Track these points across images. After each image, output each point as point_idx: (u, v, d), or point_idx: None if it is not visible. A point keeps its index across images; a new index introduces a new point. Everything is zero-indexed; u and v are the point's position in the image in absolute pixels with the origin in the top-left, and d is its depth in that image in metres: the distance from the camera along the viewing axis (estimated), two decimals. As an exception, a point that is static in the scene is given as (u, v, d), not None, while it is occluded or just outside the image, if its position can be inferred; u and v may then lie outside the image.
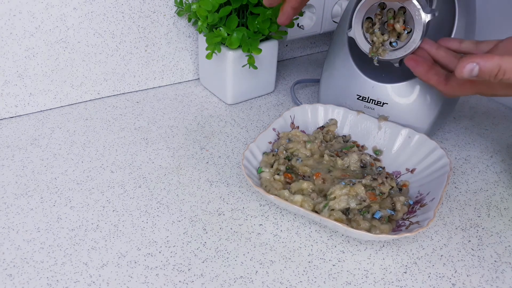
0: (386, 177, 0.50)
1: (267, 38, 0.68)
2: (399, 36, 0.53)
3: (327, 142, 0.57)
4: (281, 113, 0.68)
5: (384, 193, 0.49)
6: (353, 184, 0.48)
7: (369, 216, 0.46)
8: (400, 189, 0.51)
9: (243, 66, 0.65)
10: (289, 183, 0.51)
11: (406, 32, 0.52)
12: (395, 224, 0.47)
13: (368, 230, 0.44)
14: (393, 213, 0.47)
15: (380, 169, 0.54)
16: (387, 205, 0.48)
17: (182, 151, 0.59)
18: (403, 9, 0.52)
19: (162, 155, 0.57)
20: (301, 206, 0.46)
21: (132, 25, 0.66)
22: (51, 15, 0.60)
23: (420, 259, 0.45)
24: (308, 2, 0.75)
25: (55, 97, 0.65)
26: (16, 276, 0.41)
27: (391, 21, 0.52)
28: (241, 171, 0.55)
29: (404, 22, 0.52)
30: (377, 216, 0.46)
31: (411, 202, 0.49)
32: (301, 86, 0.76)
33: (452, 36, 0.56)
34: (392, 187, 0.50)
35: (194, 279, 0.42)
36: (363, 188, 0.47)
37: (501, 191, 0.55)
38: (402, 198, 0.48)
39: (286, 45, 0.85)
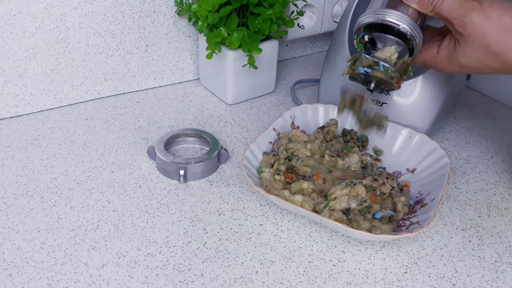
0: (387, 178, 0.50)
1: (267, 38, 0.68)
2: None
3: (327, 142, 0.57)
4: (281, 113, 0.67)
5: (385, 194, 0.49)
6: (353, 185, 0.48)
7: (369, 216, 0.46)
8: (401, 190, 0.51)
9: (244, 66, 0.65)
10: (289, 183, 0.51)
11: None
12: (396, 224, 0.47)
13: (369, 230, 0.44)
14: (393, 213, 0.47)
15: (381, 169, 0.54)
16: (388, 205, 0.48)
17: (182, 151, 0.59)
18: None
19: (162, 155, 0.57)
20: (301, 206, 0.46)
21: (132, 25, 0.66)
22: (51, 15, 0.60)
23: (421, 259, 0.45)
24: (309, 2, 0.75)
25: (55, 97, 0.65)
26: (16, 276, 0.41)
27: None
28: (241, 171, 0.55)
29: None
30: (378, 216, 0.46)
31: (412, 203, 0.49)
32: (301, 86, 0.76)
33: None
34: (393, 187, 0.50)
35: (194, 279, 0.41)
36: (363, 188, 0.47)
37: (502, 191, 0.55)
38: (403, 199, 0.48)
39: (287, 45, 0.85)
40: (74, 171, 0.54)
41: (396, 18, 0.45)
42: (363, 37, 0.49)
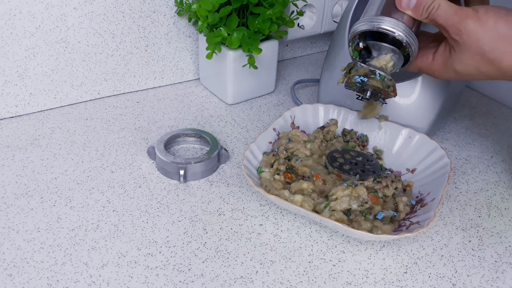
0: (392, 181, 0.50)
1: (267, 38, 0.68)
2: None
3: (327, 141, 0.57)
4: (281, 113, 0.67)
5: (388, 197, 0.48)
6: (355, 186, 0.48)
7: (371, 217, 0.46)
8: (404, 190, 0.51)
9: (244, 66, 0.65)
10: (289, 183, 0.51)
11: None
12: (397, 224, 0.47)
13: (370, 231, 0.44)
14: (395, 214, 0.47)
15: (389, 172, 0.54)
16: (390, 206, 0.48)
17: (182, 151, 0.59)
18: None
19: (162, 155, 0.57)
20: (301, 206, 0.46)
21: (132, 25, 0.66)
22: (51, 15, 0.60)
23: (421, 259, 0.45)
24: (309, 2, 0.75)
25: (55, 97, 0.65)
26: (16, 276, 0.41)
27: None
28: (241, 171, 0.55)
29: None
30: (380, 217, 0.46)
31: (414, 203, 0.49)
32: (301, 86, 0.76)
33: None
34: (397, 187, 0.50)
35: (194, 279, 0.41)
36: (365, 190, 0.47)
37: (502, 191, 0.55)
38: (404, 199, 0.48)
39: (287, 45, 0.85)
40: (74, 171, 0.54)
41: (391, 26, 0.45)
42: (358, 44, 0.49)
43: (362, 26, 0.46)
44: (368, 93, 0.49)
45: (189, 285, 0.41)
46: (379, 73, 0.48)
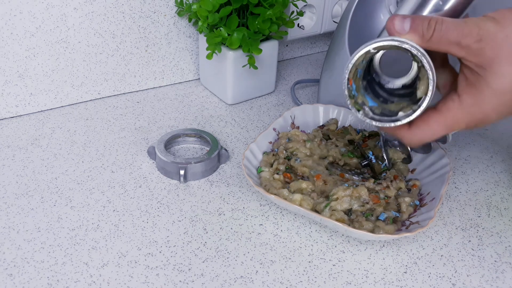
0: (391, 181, 0.50)
1: (267, 38, 0.68)
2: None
3: (327, 140, 0.57)
4: (281, 113, 0.68)
5: (390, 197, 0.48)
6: (356, 186, 0.48)
7: (373, 218, 0.46)
8: (409, 190, 0.51)
9: (244, 66, 0.65)
10: (288, 183, 0.51)
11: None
12: (400, 225, 0.46)
13: (371, 231, 0.44)
14: (397, 215, 0.47)
15: (384, 174, 0.54)
16: (392, 206, 0.48)
17: (182, 151, 0.59)
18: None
19: (162, 155, 0.57)
20: (300, 205, 0.46)
21: (133, 25, 0.66)
22: (51, 15, 0.60)
23: (420, 259, 0.45)
24: (309, 2, 0.75)
25: (56, 97, 0.65)
26: (16, 275, 0.41)
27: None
28: (241, 171, 0.56)
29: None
30: (382, 218, 0.46)
31: (418, 203, 0.49)
32: (301, 86, 0.77)
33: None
34: (401, 188, 0.50)
35: (195, 279, 0.42)
36: (366, 190, 0.47)
37: (501, 191, 0.55)
38: (407, 199, 0.48)
39: (286, 45, 0.85)
40: (74, 171, 0.54)
41: (390, 38, 0.36)
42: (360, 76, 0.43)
43: (361, 48, 0.39)
44: (364, 163, 0.54)
45: (189, 285, 0.41)
46: (385, 164, 0.52)
